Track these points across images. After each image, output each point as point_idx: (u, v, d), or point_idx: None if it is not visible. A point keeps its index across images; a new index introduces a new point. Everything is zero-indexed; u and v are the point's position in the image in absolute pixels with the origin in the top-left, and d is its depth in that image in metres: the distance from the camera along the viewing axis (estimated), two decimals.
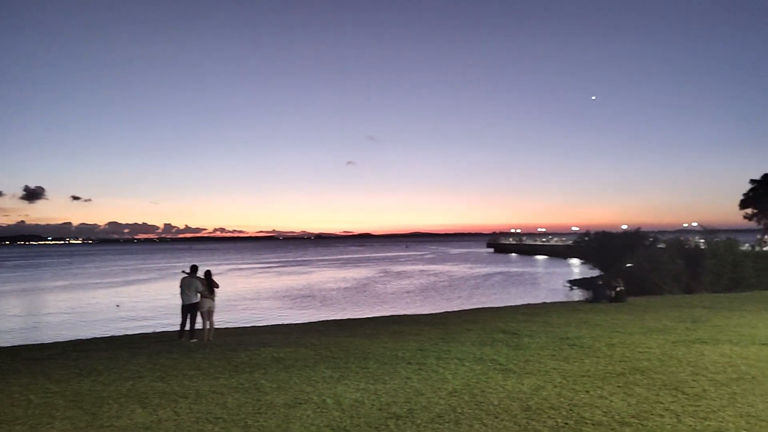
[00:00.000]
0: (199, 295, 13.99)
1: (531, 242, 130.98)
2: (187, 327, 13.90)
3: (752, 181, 60.03)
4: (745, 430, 5.40)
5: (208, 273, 14.53)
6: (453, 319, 16.33)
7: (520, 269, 70.24)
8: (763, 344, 9.98)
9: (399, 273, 67.88)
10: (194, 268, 14.37)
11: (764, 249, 61.76)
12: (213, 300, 14.29)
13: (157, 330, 18.79)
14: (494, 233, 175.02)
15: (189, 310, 13.96)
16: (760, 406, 6.14)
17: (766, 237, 66.02)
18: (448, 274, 65.25)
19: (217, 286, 14.54)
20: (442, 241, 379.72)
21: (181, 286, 14.09)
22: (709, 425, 5.55)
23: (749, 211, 59.80)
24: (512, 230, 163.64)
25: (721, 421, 5.66)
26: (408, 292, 44.93)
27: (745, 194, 60.45)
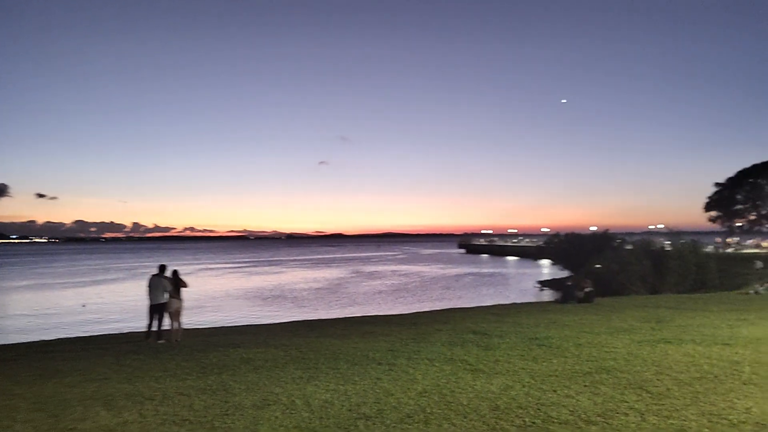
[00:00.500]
0: (166, 295, 13.79)
1: (502, 243, 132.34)
2: (155, 328, 13.69)
3: (716, 184, 61.55)
4: (707, 428, 5.51)
5: (175, 273, 14.33)
6: (424, 320, 16.38)
7: (491, 270, 70.86)
8: (725, 344, 10.22)
9: (371, 273, 67.94)
10: (162, 268, 14.16)
11: (727, 251, 63.43)
12: (181, 300, 14.11)
13: (124, 331, 18.52)
14: (466, 234, 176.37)
15: (156, 310, 13.74)
16: (722, 405, 6.27)
17: (728, 239, 67.79)
18: (420, 274, 65.51)
19: (186, 286, 14.35)
20: (414, 241, 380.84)
21: (148, 286, 13.88)
22: (672, 424, 5.66)
23: (713, 213, 61.30)
24: (483, 231, 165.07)
25: (684, 420, 5.77)
26: (379, 292, 44.98)
27: (709, 197, 61.97)
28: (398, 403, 6.69)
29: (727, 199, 59.46)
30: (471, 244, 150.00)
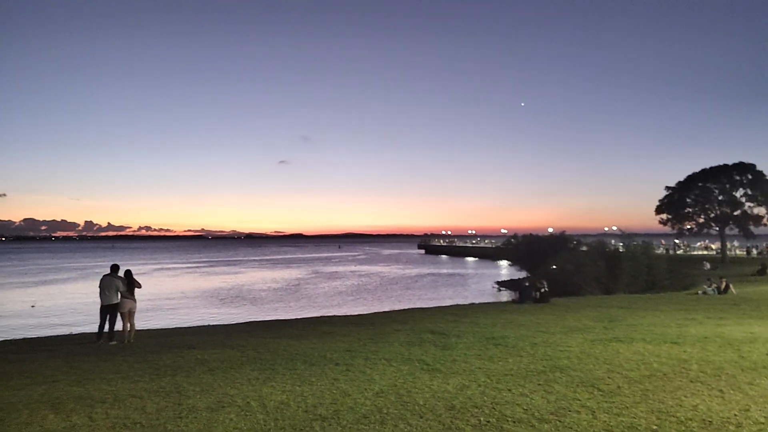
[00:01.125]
0: (119, 295, 13.48)
1: (461, 244, 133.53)
2: (107, 329, 13.35)
3: (667, 188, 63.32)
4: (656, 425, 5.64)
5: (128, 272, 14.02)
6: (382, 320, 16.41)
7: (451, 270, 71.41)
8: (673, 343, 10.52)
9: (330, 274, 67.69)
10: (114, 268, 13.82)
11: (677, 252, 65.43)
12: (134, 301, 13.81)
13: (75, 332, 17.98)
14: (425, 235, 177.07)
15: (109, 311, 13.41)
16: (670, 402, 6.44)
17: (677, 241, 69.99)
18: (380, 274, 65.60)
19: (139, 286, 14.06)
20: (374, 242, 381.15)
21: (100, 286, 13.52)
22: (622, 421, 5.78)
23: (664, 216, 63.00)
24: (443, 232, 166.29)
25: (634, 417, 5.90)
26: (339, 292, 44.85)
27: (660, 200, 63.71)
28: (355, 403, 6.66)
29: (677, 202, 61.27)
30: (431, 244, 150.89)
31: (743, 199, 57.48)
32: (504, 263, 68.43)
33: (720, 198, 58.26)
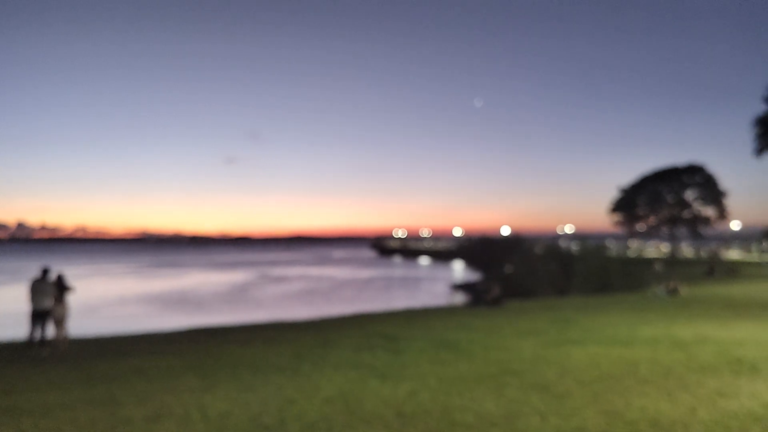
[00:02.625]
0: (50, 300, 12.82)
1: (415, 245, 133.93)
2: (37, 336, 12.70)
3: (619, 189, 64.87)
4: (604, 427, 5.59)
5: (60, 276, 13.35)
6: (332, 325, 16.14)
7: (404, 273, 71.53)
8: (624, 344, 10.60)
9: (278, 277, 66.73)
10: (45, 271, 13.12)
11: (630, 254, 67.25)
12: (66, 306, 13.18)
13: (2, 339, 17.06)
14: (378, 236, 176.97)
15: (39, 317, 12.73)
16: (619, 404, 6.41)
17: (630, 243, 71.97)
18: (330, 277, 65.12)
19: (72, 291, 13.41)
20: (325, 244, 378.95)
21: (30, 291, 12.82)
22: (572, 424, 5.71)
23: (616, 217, 64.53)
24: (396, 233, 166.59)
25: (583, 420, 5.84)
26: (287, 296, 44.20)
27: (613, 201, 65.23)
28: (301, 411, 6.40)
29: (629, 203, 62.74)
30: (384, 246, 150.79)
31: (693, 201, 59.22)
32: (458, 265, 69.07)
33: (670, 200, 59.88)
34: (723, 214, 57.80)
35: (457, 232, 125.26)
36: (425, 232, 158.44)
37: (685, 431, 5.46)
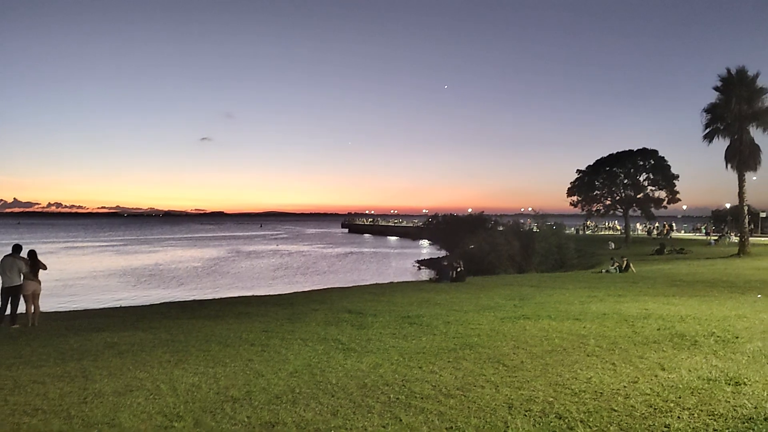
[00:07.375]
0: (22, 276, 12.82)
1: (384, 223, 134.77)
2: (8, 312, 12.68)
3: (578, 171, 66.07)
4: (552, 397, 6.00)
5: (32, 253, 13.32)
6: (301, 300, 16.42)
7: (373, 249, 72.01)
8: (575, 319, 11.15)
9: (251, 253, 66.62)
10: (17, 248, 13.10)
11: (586, 233, 68.75)
12: (38, 282, 13.18)
13: None
14: (349, 214, 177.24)
15: (10, 293, 12.72)
16: (567, 376, 6.86)
17: (587, 222, 73.53)
18: (302, 254, 65.23)
19: (44, 268, 13.40)
20: (297, 220, 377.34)
21: (1, 267, 12.79)
22: (522, 394, 6.12)
23: (574, 198, 65.74)
24: (367, 211, 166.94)
25: (533, 390, 6.25)
26: (259, 272, 44.31)
27: (571, 183, 66.41)
28: (268, 384, 6.70)
29: (586, 185, 64.06)
30: (354, 224, 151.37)
31: (646, 183, 60.92)
32: (425, 242, 69.63)
33: (625, 182, 61.52)
34: (674, 196, 59.59)
35: (425, 212, 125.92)
36: (394, 211, 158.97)
37: (625, 401, 5.84)
